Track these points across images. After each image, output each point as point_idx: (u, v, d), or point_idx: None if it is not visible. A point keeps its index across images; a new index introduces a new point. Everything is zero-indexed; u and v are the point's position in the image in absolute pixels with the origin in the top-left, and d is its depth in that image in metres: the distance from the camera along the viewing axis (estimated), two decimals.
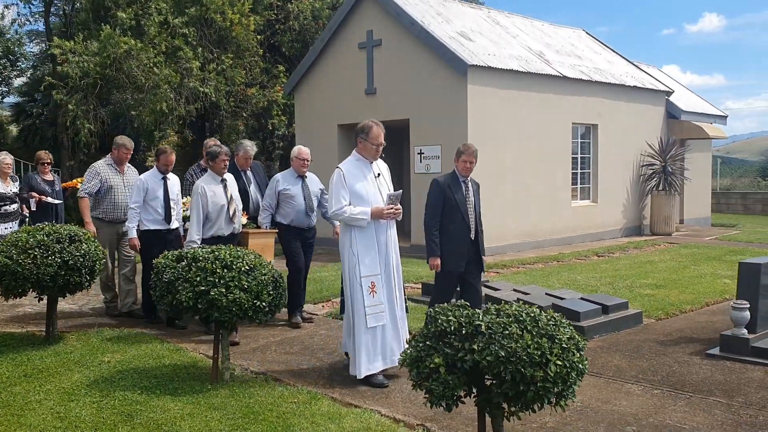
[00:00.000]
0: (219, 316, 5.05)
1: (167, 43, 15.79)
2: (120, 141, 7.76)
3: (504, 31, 15.65)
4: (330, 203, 5.54)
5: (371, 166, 5.63)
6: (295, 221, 7.28)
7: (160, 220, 7.25)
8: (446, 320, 3.43)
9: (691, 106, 18.59)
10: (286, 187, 7.25)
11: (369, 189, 5.49)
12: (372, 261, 5.41)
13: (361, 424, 4.44)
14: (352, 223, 5.40)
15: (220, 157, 6.71)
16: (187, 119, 17.12)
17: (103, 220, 7.62)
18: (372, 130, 5.53)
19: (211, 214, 6.66)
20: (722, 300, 8.41)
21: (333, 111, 14.92)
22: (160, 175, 7.34)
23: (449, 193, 6.06)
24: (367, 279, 5.36)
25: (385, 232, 5.53)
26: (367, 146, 5.55)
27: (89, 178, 7.65)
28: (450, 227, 6.03)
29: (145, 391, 5.05)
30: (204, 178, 6.81)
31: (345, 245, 5.48)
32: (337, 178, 5.49)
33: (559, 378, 3.23)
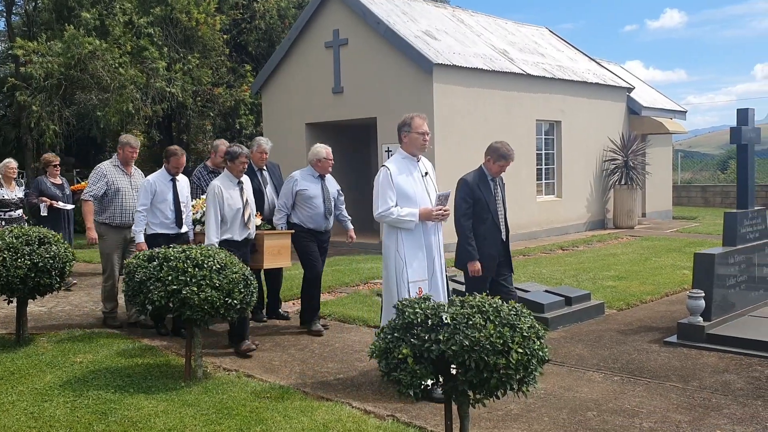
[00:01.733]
0: (191, 314, 5.13)
1: (132, 43, 15.72)
2: (125, 140, 7.35)
3: (469, 30, 15.87)
4: (375, 203, 5.17)
5: (418, 164, 5.34)
6: (313, 224, 6.87)
7: (169, 224, 6.82)
8: (413, 312, 3.58)
9: (652, 101, 19.02)
10: (304, 188, 6.83)
11: (417, 189, 5.21)
12: (420, 265, 5.15)
13: (332, 417, 4.57)
14: (398, 225, 5.13)
15: (239, 159, 6.29)
16: (153, 119, 17.05)
17: (110, 226, 7.22)
18: (414, 120, 5.25)
19: (225, 217, 6.24)
20: (681, 290, 8.70)
21: (301, 110, 15.00)
22: (169, 176, 6.90)
23: (478, 193, 5.76)
24: (414, 284, 5.08)
25: (432, 235, 5.25)
26: (413, 138, 5.24)
27: (95, 180, 7.22)
28: (480, 229, 5.74)
29: (118, 390, 5.12)
30: (221, 179, 6.37)
31: (390, 248, 5.20)
32: (383, 177, 5.17)
33: (521, 365, 3.39)
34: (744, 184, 7.06)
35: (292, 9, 19.24)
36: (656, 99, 19.82)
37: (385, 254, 5.27)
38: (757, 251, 7.10)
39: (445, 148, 12.73)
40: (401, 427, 4.38)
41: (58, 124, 15.64)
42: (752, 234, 7.09)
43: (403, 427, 4.38)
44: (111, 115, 15.33)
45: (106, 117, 15.48)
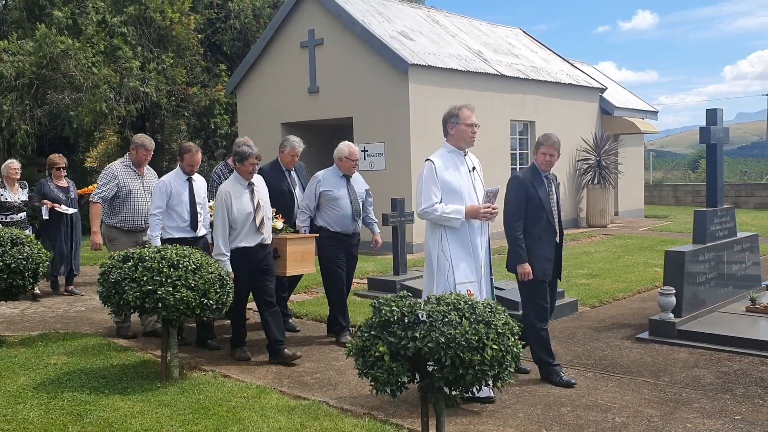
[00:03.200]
0: (167, 314, 5.12)
1: (106, 42, 15.56)
2: (139, 140, 6.92)
3: (444, 31, 15.95)
4: (418, 200, 4.85)
5: (465, 159, 5.00)
6: (340, 226, 6.45)
7: (185, 227, 6.36)
8: (390, 310, 3.61)
9: (624, 102, 19.27)
10: (328, 189, 6.44)
11: (463, 184, 4.87)
12: (467, 266, 4.81)
13: (309, 416, 4.59)
14: (443, 223, 4.82)
15: (249, 160, 5.82)
16: (127, 119, 16.91)
17: (121, 230, 6.84)
18: (462, 111, 4.92)
19: (235, 222, 5.77)
20: (653, 287, 8.85)
21: (276, 110, 14.97)
22: (184, 176, 6.43)
23: (532, 191, 5.32)
24: (462, 286, 4.72)
25: (478, 235, 4.92)
26: (460, 130, 4.92)
27: (105, 181, 6.79)
28: (534, 230, 5.31)
29: (93, 392, 5.09)
30: (229, 182, 5.92)
31: (434, 247, 4.88)
32: (427, 172, 4.85)
33: (495, 361, 3.44)
34: (713, 182, 7.20)
35: (267, 9, 19.19)
36: (628, 99, 20.09)
37: (428, 254, 4.96)
38: (726, 249, 7.25)
39: (421, 148, 12.78)
40: (378, 425, 4.41)
41: (29, 124, 15.43)
42: (721, 232, 7.24)
43: (380, 425, 4.41)
44: (84, 115, 15.16)
45: (79, 117, 15.30)
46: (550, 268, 5.34)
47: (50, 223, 8.80)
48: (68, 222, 9.01)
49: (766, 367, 5.54)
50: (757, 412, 4.61)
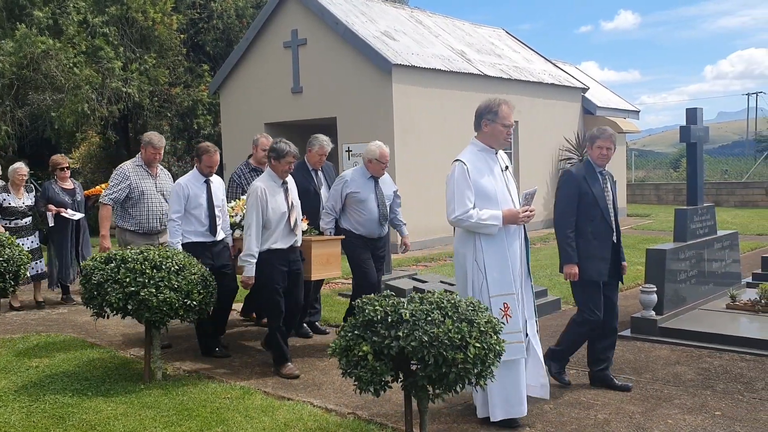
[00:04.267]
0: (150, 316, 5.10)
1: (87, 42, 15.46)
2: (147, 138, 6.60)
3: (427, 31, 15.99)
4: (450, 205, 4.38)
5: (497, 157, 4.57)
6: (365, 230, 6.17)
7: (203, 231, 6.02)
8: (373, 310, 3.62)
9: (606, 101, 19.42)
10: (355, 190, 6.13)
11: (498, 186, 4.44)
12: (504, 277, 4.34)
13: (293, 416, 4.59)
14: (478, 231, 4.34)
15: (286, 158, 5.50)
16: (109, 120, 16.80)
17: (136, 233, 6.50)
18: (501, 108, 4.45)
19: (269, 222, 5.46)
20: (635, 285, 8.91)
21: (259, 110, 14.94)
22: (202, 177, 6.10)
23: (585, 187, 4.99)
24: (498, 299, 4.31)
25: (516, 240, 4.46)
26: (496, 129, 4.46)
27: (116, 182, 6.46)
28: (587, 228, 4.99)
29: (76, 394, 5.06)
30: (263, 179, 5.59)
31: (466, 257, 4.42)
32: (459, 174, 4.38)
33: (478, 359, 3.46)
34: (693, 181, 7.27)
35: (250, 9, 19.14)
36: (610, 99, 20.24)
37: (459, 264, 4.50)
38: (707, 246, 7.33)
39: (405, 148, 12.81)
40: (362, 424, 4.42)
41: (10, 125, 15.29)
42: (702, 230, 7.31)
43: (363, 424, 4.43)
44: (66, 115, 15.05)
45: (61, 118, 15.19)
46: (605, 268, 5.00)
47: (56, 230, 8.34)
48: (75, 227, 8.51)
49: (746, 363, 5.62)
50: (737, 407, 4.67)
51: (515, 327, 4.30)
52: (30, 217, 8.34)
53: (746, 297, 7.17)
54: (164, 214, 6.46)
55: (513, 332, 4.27)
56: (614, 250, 5.10)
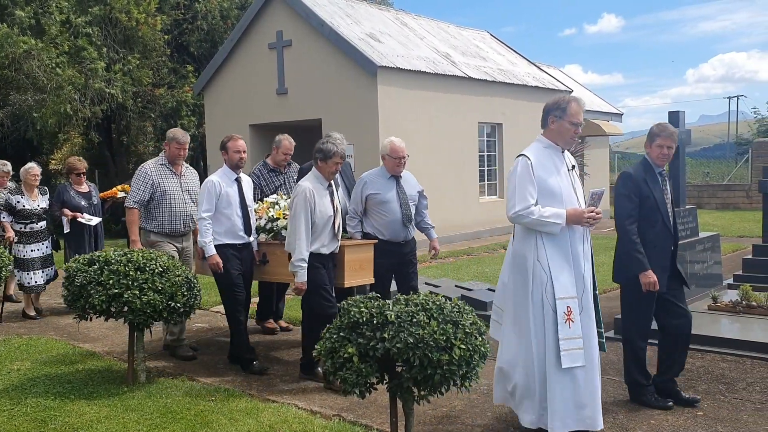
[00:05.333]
0: (133, 318, 5.07)
1: (70, 43, 15.34)
2: (171, 134, 6.23)
3: (412, 33, 16.03)
4: (511, 201, 4.19)
5: (563, 155, 4.34)
6: (390, 233, 5.82)
7: (237, 232, 5.72)
8: (358, 312, 3.62)
9: (589, 104, 19.55)
10: (375, 191, 5.82)
11: (563, 185, 4.21)
12: (568, 279, 4.09)
13: (278, 418, 4.58)
14: (539, 229, 4.12)
15: (334, 158, 5.25)
16: (92, 121, 16.68)
17: (160, 234, 6.16)
18: (571, 105, 4.23)
19: (315, 226, 5.20)
20: (617, 287, 8.96)
21: (244, 111, 14.90)
22: (233, 174, 5.83)
23: (646, 190, 4.72)
24: (562, 302, 4.05)
25: (580, 243, 4.21)
26: (563, 127, 4.24)
27: (138, 183, 6.10)
28: (648, 234, 4.70)
29: (58, 397, 5.01)
30: (311, 180, 5.31)
31: (527, 257, 4.17)
32: (522, 169, 4.18)
33: (463, 361, 3.47)
34: (676, 183, 7.33)
35: (235, 10, 19.09)
36: (593, 102, 20.38)
37: (517, 263, 4.25)
38: (689, 248, 7.39)
39: None
40: (347, 426, 4.42)
41: None
42: (684, 232, 7.37)
43: (349, 426, 4.42)
44: (48, 116, 14.94)
45: (43, 118, 15.07)
46: (665, 278, 4.70)
47: (72, 235, 7.88)
48: (91, 232, 8.08)
49: (728, 363, 5.67)
50: (719, 407, 4.72)
51: (576, 332, 4.04)
52: (45, 220, 7.97)
53: (727, 298, 7.23)
54: (189, 215, 6.18)
55: (573, 338, 4.03)
56: (674, 257, 4.85)
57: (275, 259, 5.80)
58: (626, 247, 4.69)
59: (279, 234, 5.81)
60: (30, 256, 7.79)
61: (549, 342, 4.03)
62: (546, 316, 4.05)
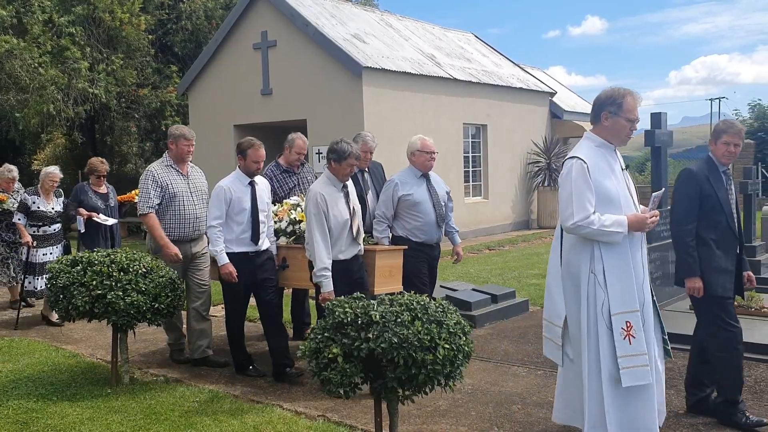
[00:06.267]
0: (117, 319, 5.05)
1: (53, 42, 15.22)
2: (177, 131, 5.85)
3: (397, 34, 16.05)
4: (567, 210, 3.76)
5: (616, 154, 3.96)
6: (424, 236, 5.63)
7: (246, 240, 5.42)
8: (343, 312, 3.63)
9: (573, 106, 19.68)
10: (407, 192, 5.60)
11: (619, 188, 3.84)
12: (627, 291, 3.72)
13: (263, 419, 4.58)
14: (600, 239, 3.72)
15: (348, 160, 5.01)
16: (75, 121, 16.56)
17: (169, 239, 5.76)
18: (626, 100, 3.83)
19: (332, 231, 4.97)
20: None
21: (228, 111, 14.85)
22: (246, 178, 5.51)
23: (708, 188, 4.38)
24: (620, 317, 3.70)
25: (639, 250, 3.86)
26: (619, 124, 3.85)
27: (146, 187, 5.73)
28: (709, 236, 4.34)
29: (41, 399, 4.98)
30: (322, 183, 5.08)
31: (581, 268, 3.80)
32: (578, 173, 3.76)
33: (447, 360, 3.49)
34: (658, 184, 7.40)
35: (220, 10, 19.03)
36: (577, 103, 20.51)
37: (570, 275, 3.88)
38: (671, 249, 7.44)
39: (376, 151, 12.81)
40: (332, 427, 4.43)
41: None
42: (666, 232, 7.44)
43: (333, 427, 4.43)
44: (30, 116, 14.81)
45: (26, 118, 14.94)
46: (730, 283, 4.35)
47: (87, 236, 7.59)
48: (107, 234, 7.76)
49: None
50: None
51: (639, 348, 3.68)
52: (59, 224, 7.81)
53: None
54: (198, 219, 5.84)
55: (637, 354, 3.67)
56: (739, 261, 4.48)
57: (296, 263, 5.56)
58: (680, 249, 4.41)
59: (301, 237, 5.55)
60: (42, 260, 7.63)
61: (605, 361, 3.69)
62: (600, 335, 3.71)
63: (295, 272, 5.59)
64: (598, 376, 3.71)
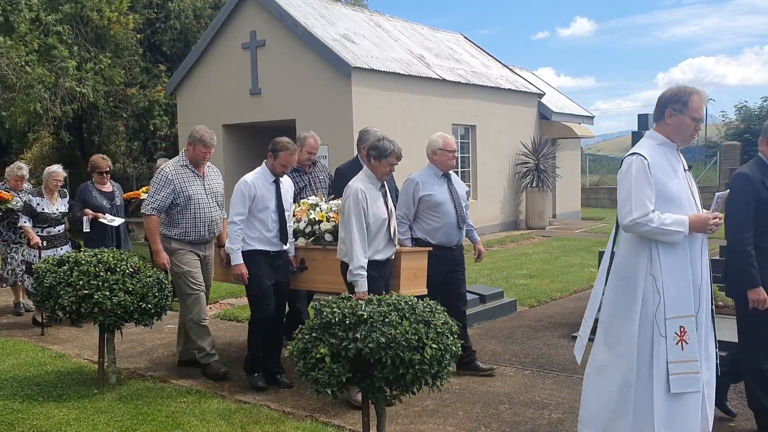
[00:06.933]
0: (104, 319, 5.03)
1: (40, 41, 15.12)
2: (197, 135, 5.64)
3: (386, 35, 16.06)
4: (625, 207, 3.60)
5: (679, 154, 3.80)
6: (444, 237, 5.43)
7: (271, 238, 5.25)
8: (331, 312, 3.64)
9: (561, 107, 19.75)
10: (428, 192, 5.39)
11: (681, 188, 3.68)
12: (683, 295, 3.58)
13: (250, 419, 4.57)
14: (659, 238, 3.57)
15: (389, 158, 4.87)
16: (63, 120, 16.46)
17: (182, 241, 5.59)
18: (692, 98, 3.67)
19: (370, 229, 4.77)
20: (588, 287, 9.09)
21: (217, 111, 14.81)
22: (271, 176, 5.34)
23: (764, 193, 4.13)
24: (674, 322, 3.56)
25: (700, 252, 3.68)
26: (683, 122, 3.69)
27: (157, 188, 5.53)
28: (764, 243, 4.11)
29: (26, 399, 4.95)
30: (361, 180, 4.88)
31: (637, 269, 3.64)
32: (638, 170, 3.62)
33: (435, 360, 3.50)
34: None
35: (208, 9, 18.97)
36: (565, 104, 20.59)
37: (625, 277, 3.70)
38: None
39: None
40: (320, 427, 4.43)
41: None
42: None
43: (321, 427, 4.43)
44: (17, 115, 14.70)
45: (12, 117, 14.82)
46: None
47: (92, 237, 7.35)
48: (113, 234, 7.59)
49: None
50: None
51: (691, 355, 3.55)
52: (63, 224, 7.62)
53: None
54: (214, 221, 5.68)
55: (688, 360, 3.54)
56: None
57: (315, 265, 5.41)
58: (739, 258, 4.14)
59: (321, 238, 5.36)
60: None
61: (657, 366, 3.55)
62: (655, 338, 3.56)
63: (314, 274, 5.43)
64: (650, 381, 3.57)
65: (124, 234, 7.78)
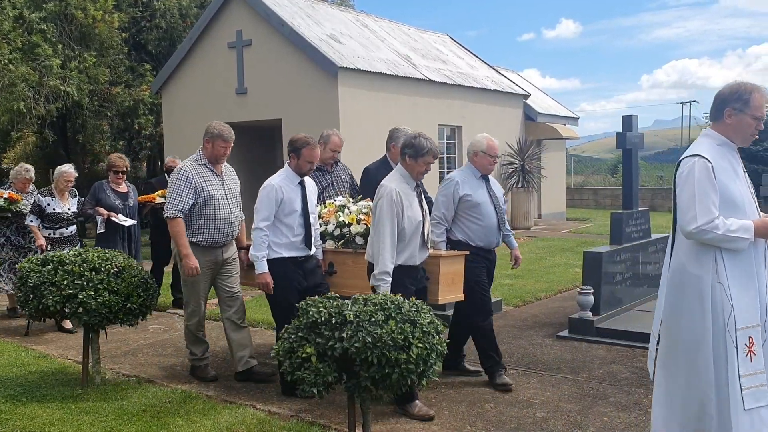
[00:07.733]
0: (88, 319, 5.00)
1: (23, 39, 14.99)
2: (216, 130, 5.38)
3: (373, 35, 16.08)
4: (689, 212, 3.38)
5: (738, 155, 3.60)
6: (484, 240, 5.26)
7: (297, 243, 4.99)
8: (317, 312, 3.64)
9: (546, 108, 19.86)
10: (468, 192, 5.20)
11: (743, 192, 3.49)
12: (750, 305, 3.40)
13: (236, 419, 4.57)
14: (724, 245, 3.38)
15: (426, 157, 4.69)
16: (47, 119, 16.33)
17: (198, 245, 5.28)
18: (753, 96, 3.47)
19: (404, 233, 4.57)
20: (573, 287, 9.14)
21: (203, 111, 14.74)
22: (296, 178, 5.08)
23: None
24: (744, 332, 3.37)
25: (763, 259, 3.50)
26: (743, 121, 3.50)
27: (178, 188, 5.22)
28: None
29: (9, 400, 4.92)
30: (395, 180, 4.69)
31: (702, 279, 3.42)
32: (701, 173, 3.40)
33: (421, 359, 3.52)
34: (629, 186, 7.51)
35: (194, 8, 18.88)
36: (551, 106, 20.71)
37: (690, 286, 3.47)
38: (641, 249, 7.57)
39: (351, 151, 12.80)
40: (305, 427, 4.43)
41: None
42: (637, 233, 7.55)
43: (307, 426, 4.43)
44: (0, 114, 14.58)
45: None
46: None
47: (104, 236, 7.23)
48: (125, 235, 7.42)
49: None
50: None
51: (758, 367, 3.36)
52: (74, 225, 7.49)
53: None
54: (233, 223, 5.42)
55: (756, 373, 3.35)
56: None
57: (345, 269, 5.23)
58: None
59: (352, 241, 5.18)
60: None
61: (732, 379, 3.33)
62: (728, 350, 3.34)
63: (344, 279, 5.23)
64: (727, 397, 3.34)
65: (136, 235, 7.60)
